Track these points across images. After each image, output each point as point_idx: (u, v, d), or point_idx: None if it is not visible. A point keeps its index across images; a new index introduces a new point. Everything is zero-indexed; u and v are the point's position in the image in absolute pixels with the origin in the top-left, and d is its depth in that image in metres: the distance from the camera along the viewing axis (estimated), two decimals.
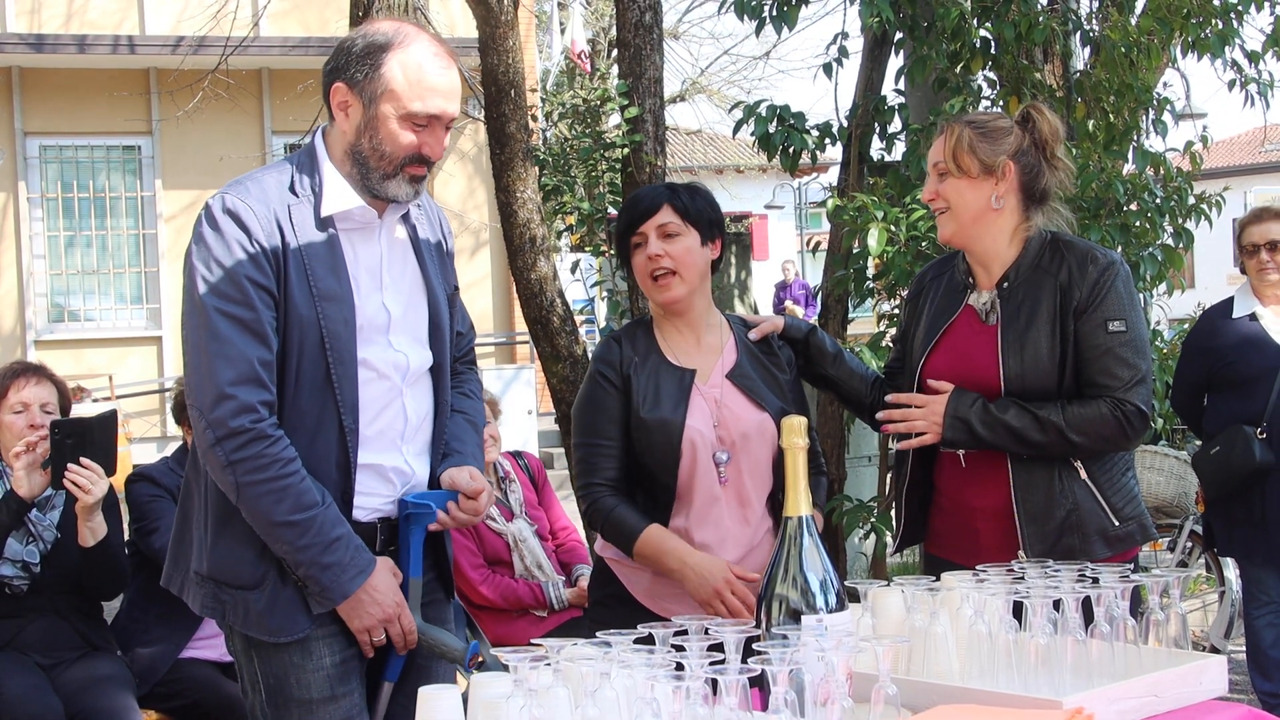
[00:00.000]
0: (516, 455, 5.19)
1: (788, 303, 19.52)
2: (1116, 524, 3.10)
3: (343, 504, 2.70)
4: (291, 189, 2.71)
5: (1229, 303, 5.35)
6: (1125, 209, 5.93)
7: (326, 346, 2.65)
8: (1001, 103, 6.10)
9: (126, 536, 4.47)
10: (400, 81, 2.66)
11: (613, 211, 7.97)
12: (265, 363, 2.62)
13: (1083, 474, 3.10)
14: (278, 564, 2.67)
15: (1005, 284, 3.16)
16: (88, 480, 3.98)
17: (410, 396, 2.80)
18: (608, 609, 3.22)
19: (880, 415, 3.23)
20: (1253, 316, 5.21)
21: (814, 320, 3.45)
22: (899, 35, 6.37)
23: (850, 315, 6.80)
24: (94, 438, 4.02)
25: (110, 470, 4.08)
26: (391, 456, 2.78)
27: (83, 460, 3.97)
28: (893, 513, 6.02)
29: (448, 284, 2.94)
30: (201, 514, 2.74)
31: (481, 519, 2.89)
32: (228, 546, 2.69)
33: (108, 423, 4.14)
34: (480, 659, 2.73)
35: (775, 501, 3.27)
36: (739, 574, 3.08)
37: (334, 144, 2.76)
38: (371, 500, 2.76)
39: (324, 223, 2.71)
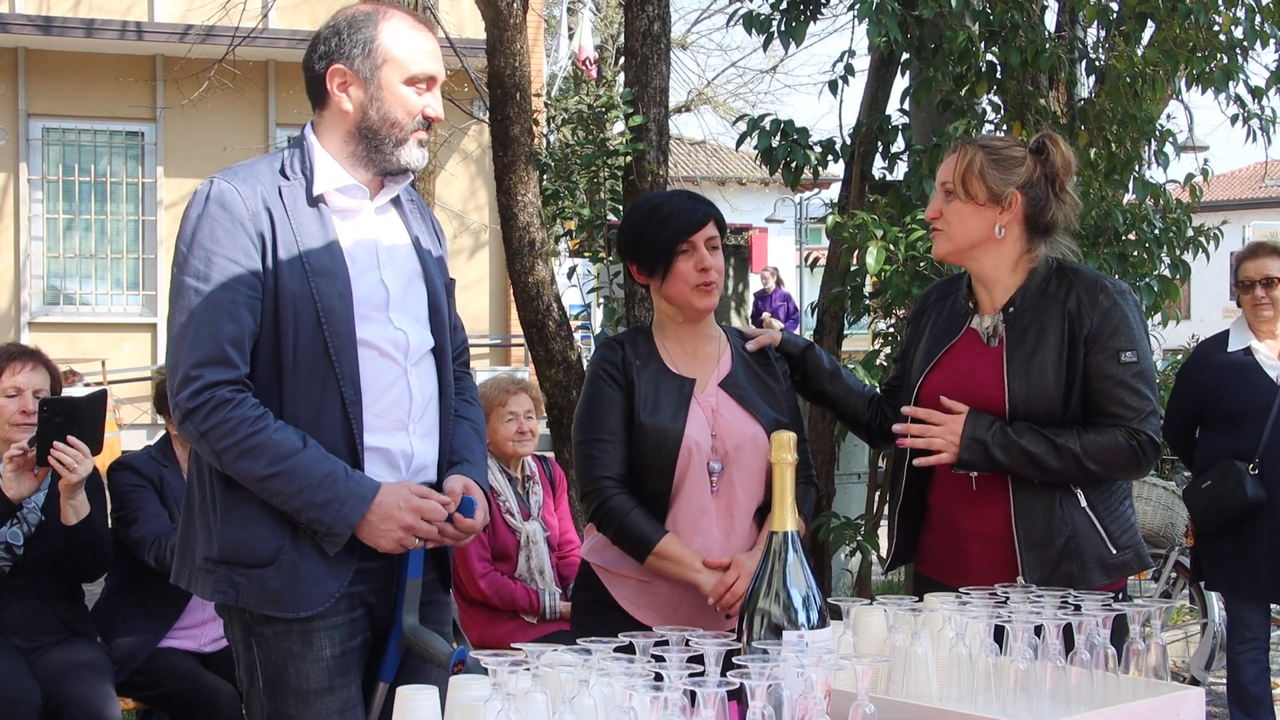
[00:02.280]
0: (542, 459, 5.21)
1: (765, 314, 18.95)
2: (1114, 552, 3.09)
3: None
4: (282, 172, 2.76)
5: (1224, 336, 5.36)
6: (1123, 238, 5.94)
7: (322, 321, 2.68)
8: (1005, 127, 6.11)
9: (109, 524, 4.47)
10: (397, 48, 2.76)
11: (613, 219, 7.97)
12: (236, 342, 2.64)
13: (1082, 501, 3.10)
14: (292, 538, 2.67)
15: (1011, 309, 3.16)
16: (73, 459, 3.99)
17: (415, 376, 2.81)
18: (592, 614, 3.22)
19: (897, 428, 3.20)
20: (1247, 351, 5.22)
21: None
22: (905, 56, 6.38)
23: (845, 332, 6.80)
24: (82, 417, 4.04)
25: (97, 450, 4.09)
26: (398, 439, 2.78)
27: (69, 439, 3.98)
28: (881, 530, 6.02)
29: (443, 276, 2.97)
30: (208, 500, 2.74)
31: (472, 538, 2.90)
32: (239, 526, 2.69)
33: (97, 403, 4.15)
34: (464, 665, 2.73)
35: (763, 514, 3.28)
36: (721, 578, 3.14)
37: (329, 129, 2.81)
38: None
39: (315, 202, 2.75)
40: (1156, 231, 6.05)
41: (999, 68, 6.08)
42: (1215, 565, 5.33)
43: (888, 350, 6.07)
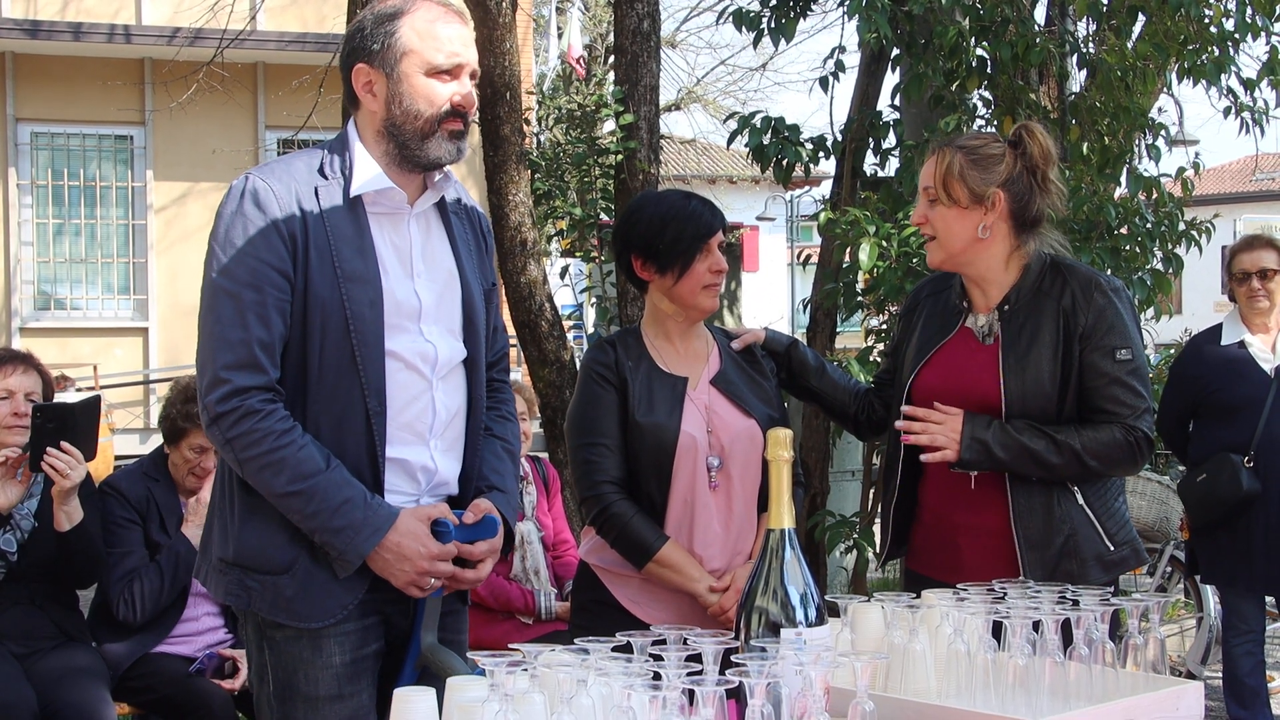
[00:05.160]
0: (535, 460, 5.21)
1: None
2: (1112, 549, 3.10)
3: (374, 492, 2.68)
4: (321, 171, 2.71)
5: (1217, 330, 5.36)
6: (1116, 233, 5.94)
7: (350, 328, 2.63)
8: (996, 122, 6.11)
9: None
10: (415, 40, 2.69)
11: (604, 218, 7.96)
12: (265, 345, 2.60)
13: (1080, 499, 3.10)
14: (309, 548, 2.64)
15: (1006, 306, 3.15)
16: (66, 465, 3.98)
17: (441, 390, 2.76)
18: (592, 614, 3.22)
19: (899, 425, 3.19)
20: (1241, 344, 5.22)
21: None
22: (896, 52, 6.38)
23: (838, 329, 6.80)
24: (75, 423, 4.02)
25: (90, 456, 4.07)
26: (418, 452, 2.74)
27: (62, 445, 3.97)
28: (875, 528, 6.02)
29: (485, 280, 2.91)
30: (227, 501, 2.71)
31: (487, 573, 2.85)
32: (256, 531, 2.66)
33: (90, 409, 4.13)
34: None
35: (762, 508, 3.28)
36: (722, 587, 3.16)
37: (365, 129, 2.75)
38: (395, 498, 2.71)
39: (353, 204, 2.70)
40: (1149, 226, 6.06)
41: (990, 63, 6.08)
42: (1210, 558, 5.33)
43: (880, 347, 6.06)
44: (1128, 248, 6.00)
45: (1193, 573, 5.76)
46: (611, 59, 8.92)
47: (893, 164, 6.47)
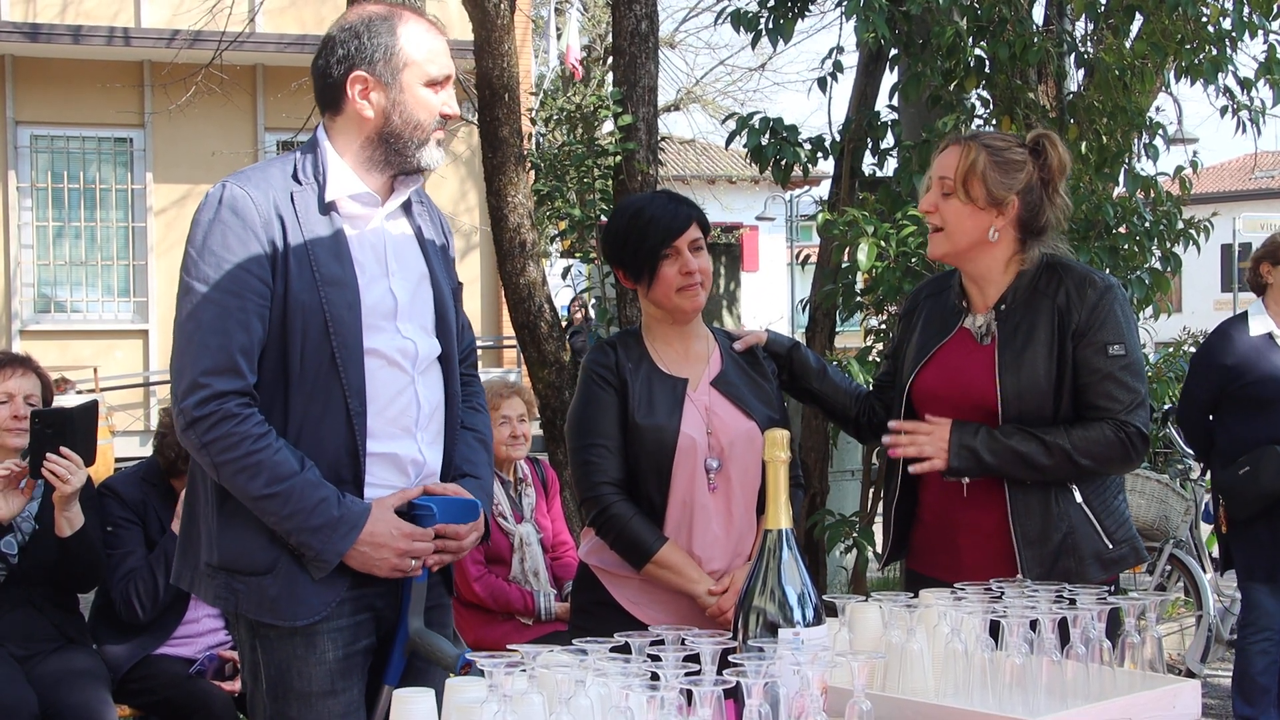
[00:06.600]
0: (534, 461, 5.22)
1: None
2: (1110, 547, 3.10)
3: (354, 491, 2.71)
4: (295, 177, 2.74)
5: (1241, 320, 5.33)
6: (1114, 232, 5.95)
7: (330, 331, 2.67)
8: (994, 122, 6.11)
9: None
10: (417, 52, 2.76)
11: (604, 219, 7.95)
12: (245, 350, 2.63)
13: (1078, 497, 3.10)
14: (289, 547, 2.67)
15: (1003, 306, 3.16)
16: (66, 470, 3.97)
17: (422, 384, 2.81)
18: (593, 616, 3.22)
19: (887, 441, 3.20)
20: (1269, 336, 5.20)
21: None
22: (894, 52, 6.38)
23: (837, 329, 6.80)
24: (74, 428, 4.02)
25: (90, 461, 4.07)
26: (406, 445, 2.78)
27: (62, 450, 3.97)
28: (876, 527, 6.03)
29: (451, 279, 2.96)
30: (207, 506, 2.73)
31: (470, 548, 2.89)
32: (237, 534, 2.68)
33: (89, 413, 4.13)
34: (471, 668, 2.73)
35: (762, 509, 3.29)
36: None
37: (344, 133, 2.79)
38: (384, 492, 2.75)
39: (327, 209, 2.74)
40: (1147, 224, 6.06)
41: (987, 62, 6.08)
42: (1249, 553, 5.27)
43: (879, 347, 6.06)
44: (1126, 247, 5.99)
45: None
46: (610, 60, 8.92)
47: (891, 164, 6.47)
